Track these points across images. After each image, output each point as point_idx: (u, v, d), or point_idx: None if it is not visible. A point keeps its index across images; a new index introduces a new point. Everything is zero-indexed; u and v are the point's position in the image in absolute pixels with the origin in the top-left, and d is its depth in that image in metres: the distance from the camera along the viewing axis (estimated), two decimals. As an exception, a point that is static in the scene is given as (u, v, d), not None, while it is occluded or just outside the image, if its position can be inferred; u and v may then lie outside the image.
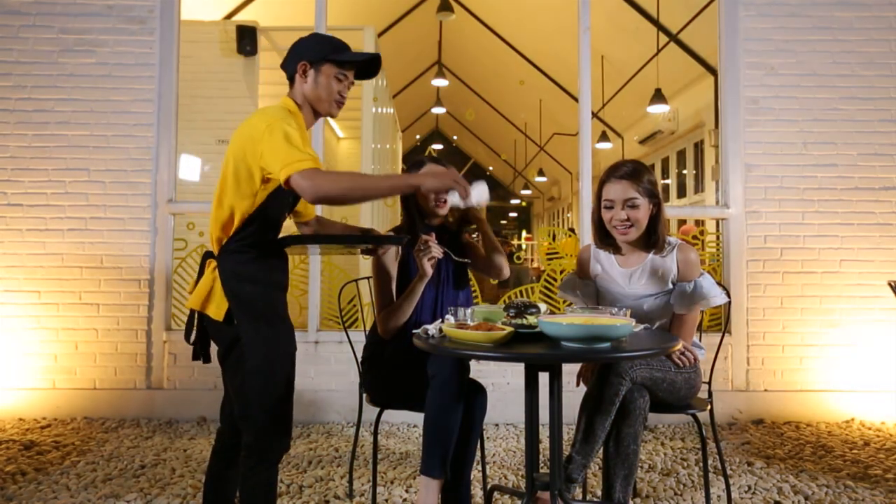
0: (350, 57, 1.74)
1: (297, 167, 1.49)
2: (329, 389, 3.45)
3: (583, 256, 2.21)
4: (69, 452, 2.84)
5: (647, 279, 2.04)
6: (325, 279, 3.61)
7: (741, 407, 3.46)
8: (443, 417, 1.85)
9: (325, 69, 1.72)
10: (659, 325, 2.08)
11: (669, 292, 2.03)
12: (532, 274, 7.50)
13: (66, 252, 3.47)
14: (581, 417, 1.86)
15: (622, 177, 2.01)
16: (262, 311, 1.62)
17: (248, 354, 1.60)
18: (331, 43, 1.75)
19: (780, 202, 3.52)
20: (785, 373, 3.48)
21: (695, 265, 2.01)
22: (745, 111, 3.55)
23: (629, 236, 2.01)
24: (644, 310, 2.03)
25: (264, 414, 1.59)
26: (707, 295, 1.98)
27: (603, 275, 2.12)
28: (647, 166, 2.09)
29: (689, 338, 2.05)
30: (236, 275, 1.63)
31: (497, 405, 3.34)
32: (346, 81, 1.76)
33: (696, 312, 2.04)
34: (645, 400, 1.85)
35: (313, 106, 1.75)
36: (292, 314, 3.75)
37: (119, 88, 3.51)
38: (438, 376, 1.88)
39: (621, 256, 2.11)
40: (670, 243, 2.05)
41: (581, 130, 3.63)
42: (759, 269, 3.51)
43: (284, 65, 1.77)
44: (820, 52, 3.56)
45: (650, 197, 2.01)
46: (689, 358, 1.98)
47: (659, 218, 2.03)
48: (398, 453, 2.89)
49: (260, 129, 1.57)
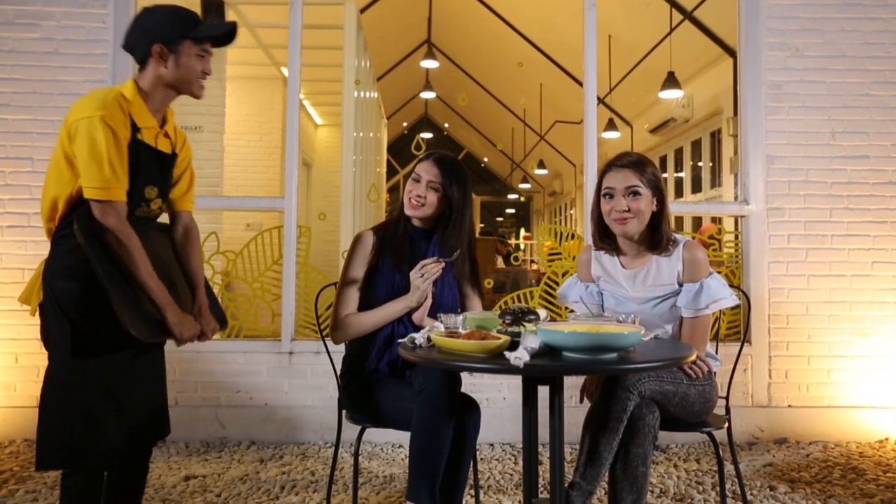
0: (208, 32, 1.76)
1: (95, 195, 1.60)
2: (305, 406, 3.44)
3: (582, 258, 2.24)
4: (6, 480, 2.81)
5: (653, 280, 2.08)
6: (300, 282, 3.60)
7: (762, 424, 3.48)
8: (431, 437, 1.84)
9: (184, 48, 1.74)
10: (667, 329, 2.09)
11: (677, 294, 2.06)
12: (531, 277, 7.51)
13: (5, 252, 3.44)
14: (585, 437, 1.86)
15: (625, 165, 2.06)
16: (72, 309, 1.64)
17: (52, 353, 1.66)
18: (182, 17, 1.75)
19: (806, 198, 3.55)
20: (811, 387, 3.51)
21: (702, 264, 2.05)
22: (767, 97, 3.57)
23: (628, 227, 2.04)
24: (650, 313, 2.06)
25: (63, 423, 1.62)
26: (716, 296, 2.01)
27: (605, 277, 2.15)
28: (651, 161, 2.13)
29: (702, 345, 2.06)
30: (50, 268, 1.67)
31: (492, 423, 3.34)
32: (207, 56, 1.79)
33: (707, 317, 2.06)
34: (655, 416, 1.86)
35: (175, 88, 1.77)
36: (263, 321, 3.70)
37: (67, 67, 3.48)
38: (426, 391, 1.87)
39: (624, 257, 2.14)
40: (675, 241, 2.09)
41: (586, 118, 3.64)
42: (781, 271, 3.53)
43: (129, 45, 1.78)
44: (850, 32, 3.59)
45: (653, 189, 2.06)
46: (701, 368, 2.00)
47: (662, 215, 2.07)
48: (382, 477, 2.88)
49: (76, 122, 1.63)
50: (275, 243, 3.63)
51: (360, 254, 2.19)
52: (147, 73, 1.75)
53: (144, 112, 1.74)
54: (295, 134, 3.58)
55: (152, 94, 1.76)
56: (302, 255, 3.61)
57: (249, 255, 3.62)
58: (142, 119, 1.73)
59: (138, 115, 1.72)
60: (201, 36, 1.74)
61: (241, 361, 3.46)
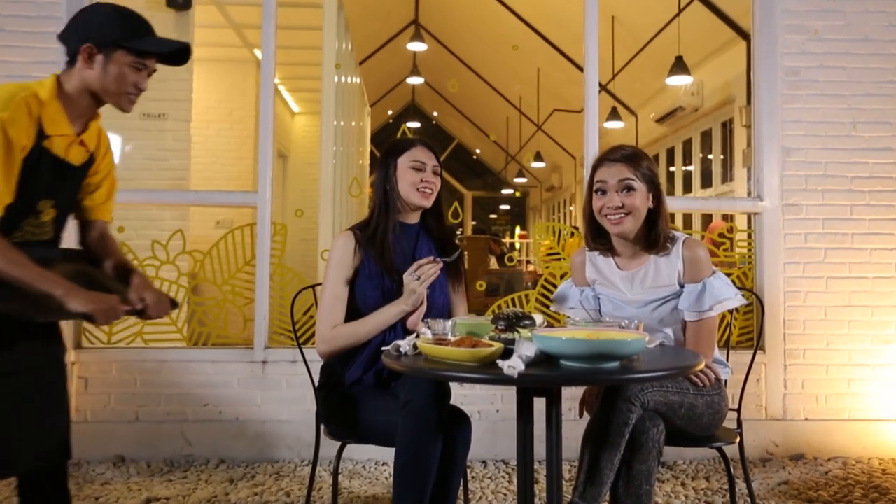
0: (149, 46, 1.70)
1: None
2: (280, 420, 3.43)
3: (576, 260, 2.26)
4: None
5: (652, 282, 2.10)
6: (275, 284, 3.59)
7: (777, 439, 3.50)
8: (418, 453, 1.84)
9: (117, 56, 1.68)
10: (669, 333, 2.10)
11: (678, 295, 2.08)
12: (527, 279, 7.53)
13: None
14: (584, 452, 1.87)
15: (617, 159, 2.08)
16: None
17: None
18: (127, 22, 1.70)
19: (825, 193, 3.57)
20: (830, 398, 3.53)
21: (704, 263, 2.07)
22: (784, 84, 3.59)
23: (623, 226, 2.06)
24: (650, 317, 2.08)
25: None
26: (720, 296, 2.04)
27: (601, 280, 2.17)
28: (647, 154, 2.15)
29: (709, 351, 2.08)
30: None
31: (484, 437, 3.34)
32: (146, 70, 1.73)
33: (713, 319, 2.09)
34: (659, 430, 1.87)
35: (99, 96, 1.72)
36: (234, 327, 3.69)
37: (15, 47, 3.44)
38: (412, 403, 1.87)
39: (619, 258, 2.17)
40: (674, 238, 2.11)
41: (587, 106, 3.65)
42: (798, 273, 3.55)
43: (63, 36, 1.73)
44: (873, 13, 3.61)
45: (649, 184, 2.08)
46: (708, 375, 2.01)
47: (659, 212, 2.10)
48: (363, 497, 2.88)
49: None
50: (247, 242, 3.61)
51: (341, 259, 2.16)
52: (73, 72, 1.70)
53: (60, 118, 1.68)
54: (269, 122, 3.56)
55: (76, 99, 1.70)
56: (277, 255, 3.60)
57: (219, 255, 3.60)
58: (54, 125, 1.67)
59: (51, 120, 1.66)
60: (139, 49, 1.69)
61: (209, 371, 3.44)
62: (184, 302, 3.61)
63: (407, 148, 2.21)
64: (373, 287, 2.15)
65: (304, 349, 2.45)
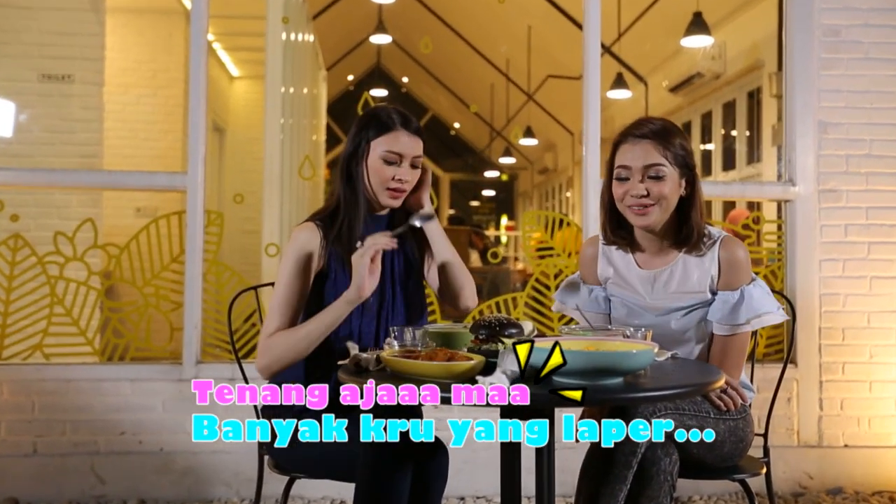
0: None
1: None
2: (214, 451, 3.40)
3: (587, 252, 2.23)
4: None
5: (678, 286, 2.08)
6: (209, 285, 3.56)
7: (811, 470, 3.54)
8: (381, 490, 1.84)
9: None
10: (693, 350, 2.11)
11: (708, 304, 2.07)
12: (515, 279, 7.55)
13: None
14: (582, 487, 1.88)
15: (644, 136, 2.04)
16: None
17: None
18: None
19: (868, 177, 3.61)
20: (873, 421, 3.58)
21: (743, 267, 2.06)
22: (821, 46, 3.62)
23: (648, 219, 2.04)
24: (672, 329, 2.06)
25: None
26: (759, 309, 2.03)
27: (615, 279, 2.15)
28: (680, 129, 2.13)
29: (736, 371, 2.09)
30: None
31: (463, 469, 3.35)
32: None
33: (745, 335, 2.09)
34: (672, 460, 1.88)
35: None
36: (158, 338, 3.68)
37: None
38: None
39: (642, 255, 2.14)
40: (711, 236, 2.09)
41: (587, 72, 3.66)
42: (836, 272, 3.59)
43: None
44: (926, -36, 3.66)
45: (682, 168, 2.05)
46: (734, 398, 2.02)
47: (694, 201, 2.07)
48: (316, 544, 2.87)
49: None
50: (174, 234, 3.58)
51: (303, 256, 2.10)
52: None
53: None
54: (202, 88, 3.53)
55: None
56: (211, 251, 3.57)
57: (140, 250, 3.57)
58: None
59: None
60: None
61: (127, 392, 3.41)
62: (95, 308, 3.58)
63: (386, 130, 2.13)
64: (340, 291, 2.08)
65: (244, 364, 2.43)
